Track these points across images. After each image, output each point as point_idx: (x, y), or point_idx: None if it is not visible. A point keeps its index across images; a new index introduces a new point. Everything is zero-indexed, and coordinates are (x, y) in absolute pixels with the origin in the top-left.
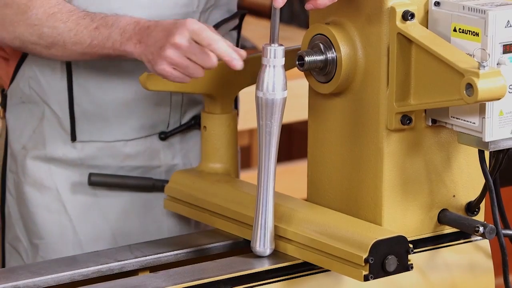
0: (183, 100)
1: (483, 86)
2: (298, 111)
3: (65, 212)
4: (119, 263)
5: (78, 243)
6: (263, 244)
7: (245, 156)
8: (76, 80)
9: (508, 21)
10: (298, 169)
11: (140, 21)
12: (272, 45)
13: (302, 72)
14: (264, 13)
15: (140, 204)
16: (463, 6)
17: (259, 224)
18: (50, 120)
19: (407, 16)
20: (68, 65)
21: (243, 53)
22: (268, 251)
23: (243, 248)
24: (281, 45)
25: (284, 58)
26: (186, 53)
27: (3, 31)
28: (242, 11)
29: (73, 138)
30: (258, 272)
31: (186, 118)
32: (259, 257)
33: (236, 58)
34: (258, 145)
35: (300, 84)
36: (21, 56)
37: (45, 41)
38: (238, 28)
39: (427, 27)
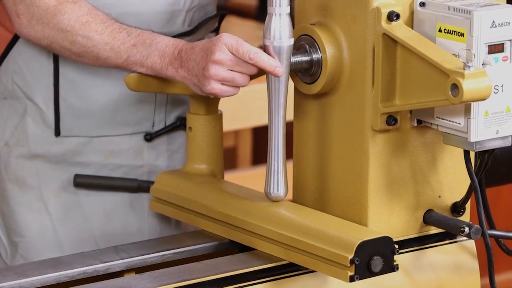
0: (167, 98)
1: (468, 86)
2: None
3: (46, 211)
4: (105, 264)
5: (58, 242)
6: (276, 188)
7: (231, 157)
8: (63, 74)
9: (493, 22)
10: None
11: (178, 44)
12: None
13: None
14: (249, 14)
15: (121, 205)
16: (448, 7)
17: (273, 169)
18: (32, 116)
19: (392, 16)
20: (55, 59)
21: (278, 62)
22: (282, 195)
23: (228, 249)
24: None
25: (289, 7)
26: (229, 67)
27: (30, 28)
28: (222, 12)
29: (57, 133)
30: (244, 273)
31: (171, 117)
32: (245, 257)
33: (278, 66)
34: (268, 93)
35: None
36: (4, 51)
37: (77, 49)
38: (217, 30)
39: (412, 28)
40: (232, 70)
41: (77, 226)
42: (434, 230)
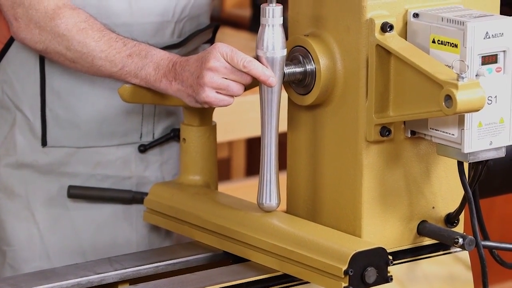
0: (155, 109)
1: (462, 97)
2: None
3: (33, 220)
4: (99, 275)
5: (45, 251)
6: (269, 198)
7: (225, 168)
8: (49, 84)
9: (487, 33)
10: None
11: (173, 57)
12: (270, 4)
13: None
14: (243, 25)
15: (111, 216)
16: (442, 18)
17: (265, 179)
18: (21, 126)
19: (386, 27)
20: (41, 69)
21: (271, 72)
22: (275, 205)
23: (222, 260)
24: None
25: (282, 17)
26: (224, 74)
27: (27, 31)
28: (215, 23)
29: (44, 143)
30: (238, 284)
31: (159, 128)
32: (239, 269)
33: (271, 76)
34: (261, 103)
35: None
36: None
37: (72, 55)
38: (211, 41)
39: (406, 39)
40: (226, 79)
41: (65, 236)
42: (428, 241)
